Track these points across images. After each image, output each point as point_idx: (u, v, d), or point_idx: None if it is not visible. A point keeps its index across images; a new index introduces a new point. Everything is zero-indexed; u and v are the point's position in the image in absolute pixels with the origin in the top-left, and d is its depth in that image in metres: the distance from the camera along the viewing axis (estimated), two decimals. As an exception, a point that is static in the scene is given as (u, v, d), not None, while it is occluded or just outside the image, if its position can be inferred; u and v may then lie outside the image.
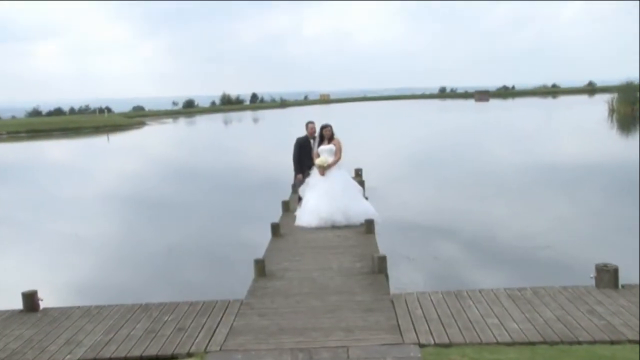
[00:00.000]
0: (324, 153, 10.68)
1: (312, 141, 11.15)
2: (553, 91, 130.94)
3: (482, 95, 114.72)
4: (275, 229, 9.78)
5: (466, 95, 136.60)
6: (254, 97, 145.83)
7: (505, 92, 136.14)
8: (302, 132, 11.42)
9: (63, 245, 12.97)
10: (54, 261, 11.76)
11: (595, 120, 40.87)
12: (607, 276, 6.50)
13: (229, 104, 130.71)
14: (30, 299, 6.86)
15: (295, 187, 11.72)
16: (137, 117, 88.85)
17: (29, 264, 11.60)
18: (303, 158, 11.17)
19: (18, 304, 6.95)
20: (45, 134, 61.10)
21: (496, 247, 10.89)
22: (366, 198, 11.34)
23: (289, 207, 11.71)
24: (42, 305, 6.94)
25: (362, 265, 7.82)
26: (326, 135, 10.81)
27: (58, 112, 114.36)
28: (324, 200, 10.24)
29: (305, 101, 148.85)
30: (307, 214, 10.31)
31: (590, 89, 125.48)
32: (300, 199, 10.94)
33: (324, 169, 10.56)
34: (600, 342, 5.21)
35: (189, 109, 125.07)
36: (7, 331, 6.28)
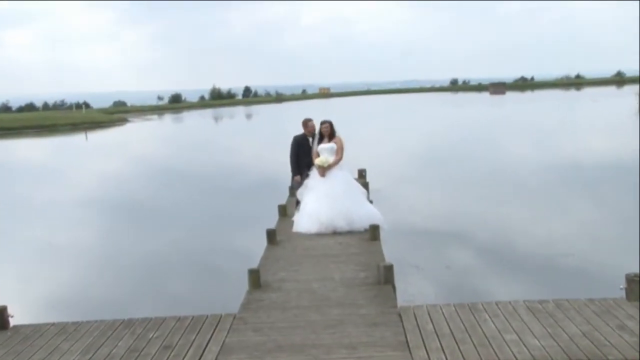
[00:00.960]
0: (324, 152, 10.68)
1: (311, 139, 11.15)
2: (577, 82, 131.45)
3: (498, 87, 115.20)
4: (271, 235, 9.77)
5: (480, 87, 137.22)
6: (247, 90, 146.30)
7: (524, 84, 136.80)
8: (300, 130, 11.42)
9: (36, 255, 12.97)
10: (25, 273, 11.76)
11: (623, 114, 40.94)
12: (639, 287, 6.48)
13: (219, 98, 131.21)
14: None
15: (293, 189, 11.72)
16: (118, 114, 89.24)
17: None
18: (301, 158, 11.18)
19: (-14, 321, 6.93)
20: (15, 131, 61.25)
21: (514, 254, 10.89)
22: (370, 201, 11.33)
23: (286, 211, 11.71)
24: (13, 322, 6.90)
25: (366, 275, 7.81)
26: (326, 132, 10.81)
27: (30, 107, 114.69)
28: (324, 203, 10.23)
29: (304, 95, 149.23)
30: (306, 219, 10.30)
31: (619, 80, 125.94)
32: (298, 202, 10.94)
33: (324, 170, 10.55)
34: (631, 360, 5.19)
35: (176, 104, 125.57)
36: (-26, 351, 6.26)
